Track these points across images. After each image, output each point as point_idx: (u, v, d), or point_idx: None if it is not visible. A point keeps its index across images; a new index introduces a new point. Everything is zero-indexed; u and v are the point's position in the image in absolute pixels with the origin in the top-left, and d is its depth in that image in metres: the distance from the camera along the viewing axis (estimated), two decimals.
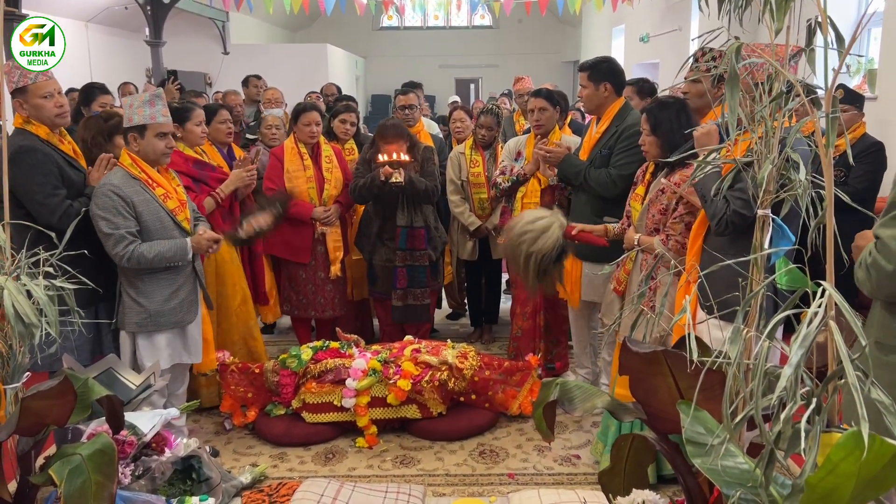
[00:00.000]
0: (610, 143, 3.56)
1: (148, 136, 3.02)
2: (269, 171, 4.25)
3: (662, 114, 2.91)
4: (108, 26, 12.33)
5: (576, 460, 3.32)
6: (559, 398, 2.14)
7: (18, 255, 2.17)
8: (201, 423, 3.71)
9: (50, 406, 1.94)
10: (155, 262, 3.00)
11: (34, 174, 2.98)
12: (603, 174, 3.53)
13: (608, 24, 14.83)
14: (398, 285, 4.22)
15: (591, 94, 3.59)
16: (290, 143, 4.30)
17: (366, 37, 20.43)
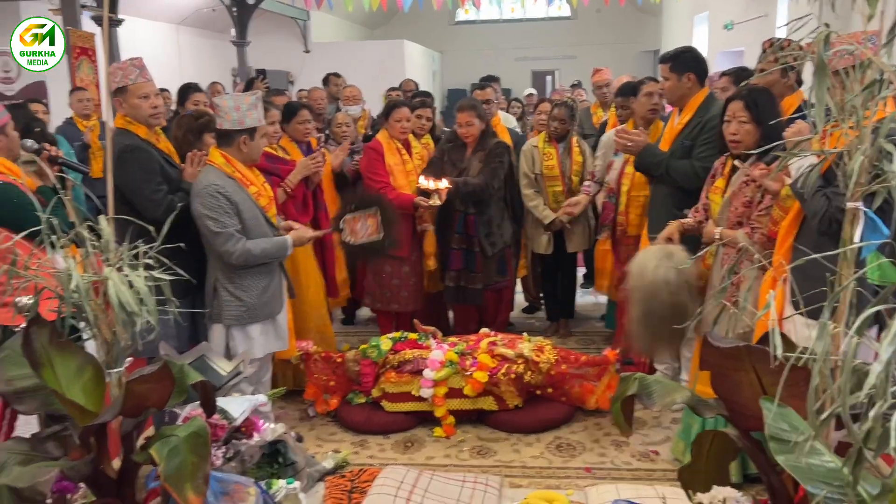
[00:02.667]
0: (693, 134, 3.50)
1: (256, 137, 3.15)
2: (371, 166, 4.26)
3: (766, 103, 2.80)
4: (197, 28, 12.84)
5: (654, 456, 3.28)
6: (638, 393, 2.14)
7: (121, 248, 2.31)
8: (286, 410, 3.85)
9: (151, 389, 2.06)
10: (260, 258, 3.14)
11: (140, 171, 3.15)
12: (686, 165, 3.46)
13: (690, 12, 14.42)
14: (452, 267, 4.34)
15: (674, 86, 3.54)
16: (386, 139, 4.34)
17: (442, 31, 20.53)
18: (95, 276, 2.17)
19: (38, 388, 2.23)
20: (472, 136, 4.32)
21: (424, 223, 4.25)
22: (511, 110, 7.90)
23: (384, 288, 4.39)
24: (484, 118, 4.38)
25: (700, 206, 3.17)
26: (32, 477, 1.89)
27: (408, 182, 4.28)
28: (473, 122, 4.28)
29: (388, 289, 4.38)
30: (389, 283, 4.37)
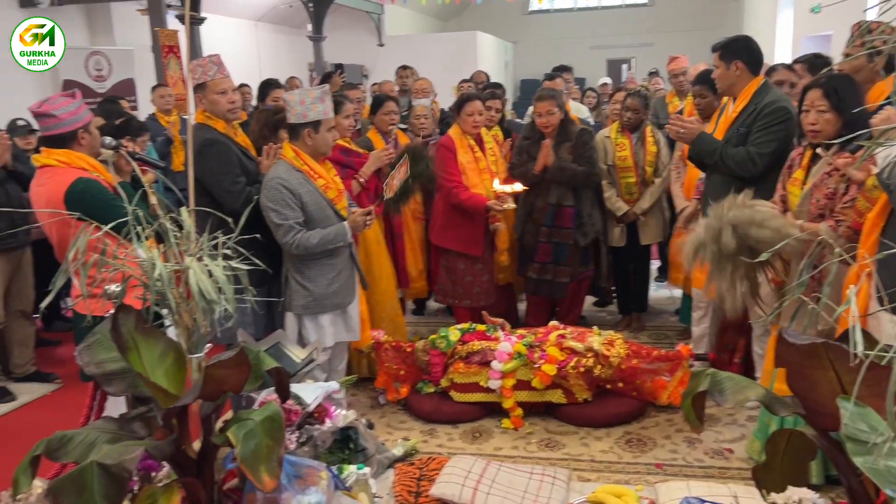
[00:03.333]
0: (748, 121, 3.43)
1: (322, 130, 3.23)
2: (443, 164, 4.24)
3: (847, 90, 2.68)
4: (275, 24, 13.17)
5: (728, 454, 3.20)
6: (709, 389, 2.09)
7: (201, 238, 2.41)
8: (358, 397, 3.94)
9: (228, 374, 2.14)
10: (319, 247, 3.21)
11: (220, 164, 3.28)
12: (742, 152, 3.39)
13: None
14: (537, 258, 4.31)
15: (723, 74, 3.49)
16: (458, 135, 4.30)
17: (515, 21, 20.39)
18: (177, 266, 2.27)
19: (125, 371, 2.35)
20: (552, 126, 4.27)
21: (497, 222, 4.22)
22: (586, 100, 7.80)
23: (457, 284, 4.40)
24: (563, 107, 4.35)
25: (777, 197, 3.06)
26: (119, 455, 2.00)
27: (480, 180, 4.23)
28: (554, 111, 4.24)
29: (461, 285, 4.38)
30: (462, 279, 4.37)
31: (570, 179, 4.21)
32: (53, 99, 2.89)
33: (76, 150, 2.89)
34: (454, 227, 4.19)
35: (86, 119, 2.93)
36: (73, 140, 2.88)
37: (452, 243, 4.34)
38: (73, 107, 2.87)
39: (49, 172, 2.85)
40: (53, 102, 2.86)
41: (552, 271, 4.32)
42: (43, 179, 2.87)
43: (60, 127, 2.85)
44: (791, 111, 3.35)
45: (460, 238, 4.29)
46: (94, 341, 2.40)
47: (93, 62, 8.51)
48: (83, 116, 2.91)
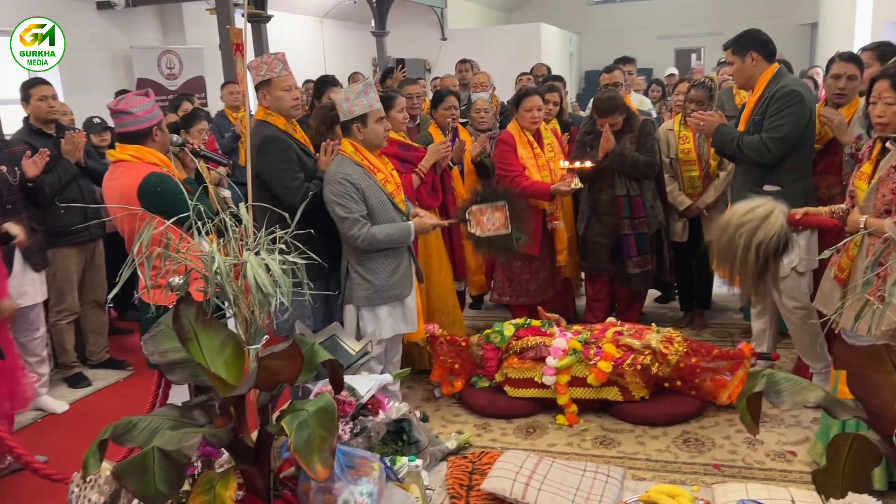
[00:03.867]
0: (762, 108, 3.47)
1: (369, 122, 3.27)
2: (503, 157, 4.24)
3: None
4: (339, 20, 13.35)
5: (790, 457, 3.11)
6: (765, 390, 2.04)
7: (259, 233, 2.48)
8: (414, 390, 3.98)
9: (282, 366, 2.20)
10: (384, 243, 3.26)
11: (280, 160, 3.35)
12: (756, 139, 3.46)
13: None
14: (631, 253, 4.24)
15: (740, 68, 3.56)
16: (517, 130, 4.28)
17: (581, 12, 20.09)
18: (235, 260, 2.34)
19: (186, 361, 2.43)
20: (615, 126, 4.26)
21: (555, 220, 4.15)
22: (651, 92, 7.65)
23: (514, 282, 4.39)
24: (624, 108, 4.30)
25: (847, 192, 2.95)
26: (179, 441, 2.08)
27: (540, 176, 4.23)
28: (618, 120, 4.23)
29: (518, 283, 4.38)
30: (519, 277, 4.37)
31: (632, 167, 4.17)
32: (129, 97, 3.03)
33: (149, 146, 3.03)
34: None
35: (159, 117, 3.06)
36: (148, 137, 3.02)
37: None
38: (148, 105, 3.01)
39: (123, 167, 2.99)
40: (130, 100, 3.00)
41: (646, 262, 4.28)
42: (117, 174, 3.01)
43: (136, 124, 2.99)
44: (804, 94, 3.42)
45: None
46: (158, 331, 2.50)
47: (165, 61, 8.82)
48: (157, 115, 3.05)
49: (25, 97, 4.20)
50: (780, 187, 3.46)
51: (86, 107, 6.36)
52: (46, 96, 4.17)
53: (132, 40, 8.76)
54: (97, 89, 8.08)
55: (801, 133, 3.43)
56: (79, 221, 4.08)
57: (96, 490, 2.51)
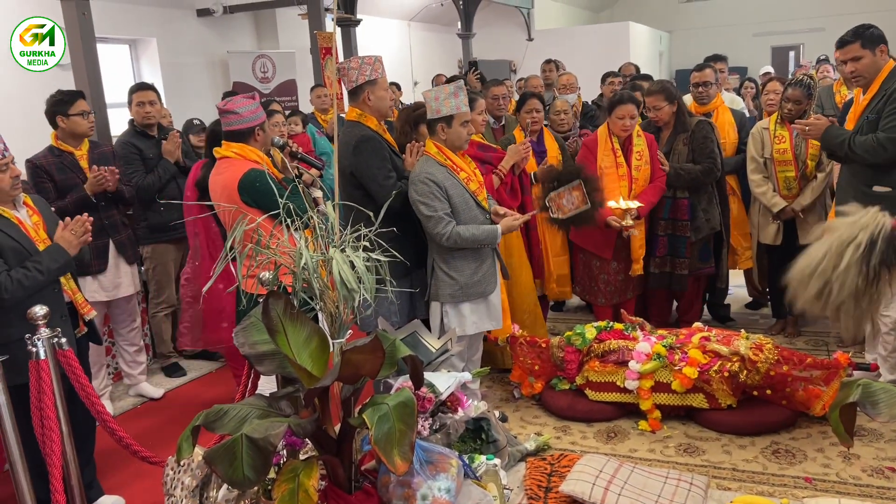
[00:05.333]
0: (878, 107, 3.35)
1: (455, 124, 3.31)
2: (583, 163, 4.20)
3: None
4: (426, 23, 13.49)
5: (890, 473, 2.94)
6: (860, 400, 1.95)
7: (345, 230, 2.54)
8: (493, 389, 3.99)
9: (364, 360, 2.25)
10: (469, 242, 3.30)
11: (375, 159, 3.44)
12: (870, 139, 3.33)
13: None
14: (657, 253, 4.27)
15: (871, 62, 3.41)
16: (604, 135, 4.21)
17: (671, 10, 19.59)
18: (322, 256, 2.42)
19: (275, 353, 2.52)
20: (661, 120, 4.25)
21: (629, 230, 4.07)
22: (745, 90, 7.40)
23: (592, 280, 4.37)
24: (674, 99, 4.23)
25: None
26: (266, 430, 2.16)
27: (618, 186, 4.10)
28: (662, 106, 4.21)
29: (596, 282, 4.35)
30: (598, 277, 4.33)
31: (691, 182, 4.18)
32: (236, 99, 3.22)
33: (252, 144, 3.20)
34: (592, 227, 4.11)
35: (262, 118, 3.24)
36: (251, 136, 3.20)
37: (587, 243, 4.31)
38: (253, 106, 3.21)
39: (227, 163, 3.18)
40: (237, 102, 3.19)
41: (671, 264, 4.29)
42: (221, 169, 3.19)
43: (242, 123, 3.18)
44: None
45: (593, 239, 4.24)
46: (249, 324, 2.60)
47: (259, 64, 9.15)
48: (260, 116, 3.24)
49: (129, 101, 4.46)
50: (891, 189, 3.30)
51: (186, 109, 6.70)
52: (144, 102, 4.41)
53: (229, 45, 9.14)
54: (195, 92, 8.47)
55: None
56: (177, 218, 4.30)
57: (189, 474, 2.63)
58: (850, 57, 3.44)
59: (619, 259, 4.27)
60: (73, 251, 2.84)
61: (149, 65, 8.24)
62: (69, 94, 3.79)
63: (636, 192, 4.15)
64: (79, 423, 2.91)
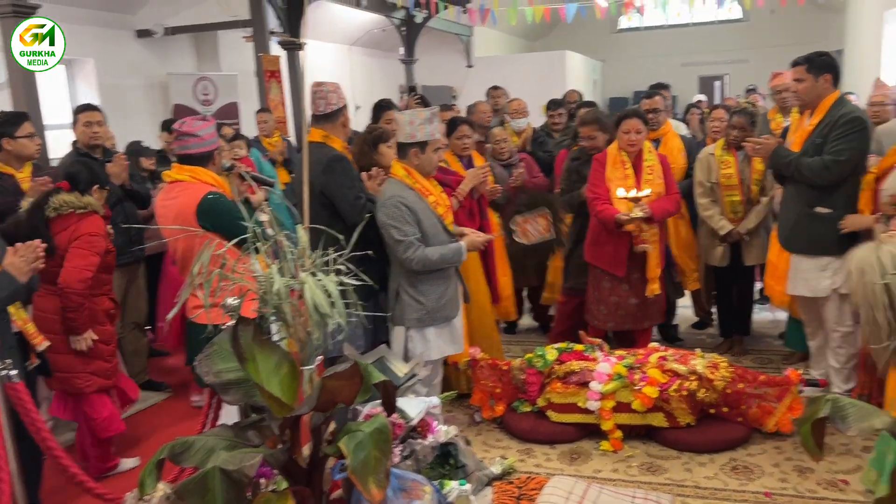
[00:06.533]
0: (824, 132, 3.55)
1: (428, 150, 3.33)
2: (592, 176, 4.17)
3: None
4: (368, 48, 13.53)
5: (843, 486, 3.05)
6: (830, 415, 2.01)
7: (314, 254, 2.50)
8: (454, 414, 3.96)
9: (342, 386, 2.21)
10: (437, 263, 3.29)
11: (346, 178, 3.44)
12: (817, 161, 3.53)
13: (880, 8, 13.20)
14: None
15: (811, 87, 3.61)
16: (614, 150, 4.17)
17: (604, 40, 20.22)
18: (294, 281, 2.37)
19: (241, 381, 2.45)
20: (597, 149, 4.33)
21: (641, 243, 3.99)
22: (689, 117, 7.70)
23: (602, 304, 4.19)
24: (607, 129, 4.36)
25: None
26: (240, 461, 2.08)
27: (626, 201, 4.01)
28: (595, 135, 4.34)
29: (606, 305, 4.18)
30: (608, 299, 4.17)
31: None
32: (192, 121, 3.14)
33: (209, 168, 3.11)
34: (601, 243, 4.09)
35: (219, 142, 3.16)
36: (209, 160, 3.12)
37: (599, 260, 4.18)
38: (211, 129, 3.15)
39: (180, 187, 3.06)
40: (194, 124, 3.10)
41: None
42: (174, 193, 3.07)
43: (202, 146, 3.10)
44: (866, 122, 3.56)
45: (606, 256, 4.13)
46: (212, 352, 2.52)
47: (200, 87, 8.98)
48: (217, 139, 3.16)
49: (75, 121, 4.31)
50: (832, 210, 3.49)
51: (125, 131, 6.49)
52: (91, 122, 4.27)
53: (169, 67, 8.94)
54: (135, 115, 8.24)
55: (860, 159, 3.52)
56: (122, 244, 4.14)
57: None
58: (796, 77, 3.67)
59: (630, 281, 4.11)
60: (24, 278, 2.67)
61: (86, 86, 7.98)
62: (14, 115, 3.64)
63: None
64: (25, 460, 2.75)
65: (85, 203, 3.40)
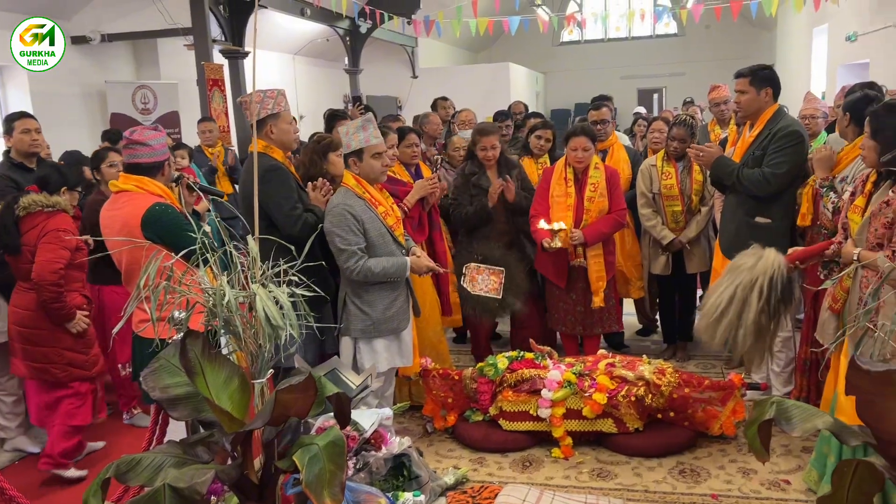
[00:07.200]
0: (763, 144, 3.68)
1: (365, 157, 3.31)
2: (537, 191, 4.28)
3: (888, 119, 2.71)
4: (312, 57, 13.42)
5: (785, 486, 3.15)
6: (776, 417, 2.08)
7: (264, 265, 2.46)
8: (405, 425, 3.95)
9: (295, 399, 2.17)
10: (379, 277, 3.27)
11: (281, 189, 3.38)
12: (756, 173, 3.66)
13: (808, 25, 13.82)
14: None
15: (753, 99, 3.73)
16: (561, 165, 4.27)
17: (546, 53, 20.56)
18: (245, 293, 2.32)
19: (189, 396, 2.39)
20: (494, 159, 4.41)
21: (576, 258, 4.10)
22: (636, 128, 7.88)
23: (553, 310, 4.38)
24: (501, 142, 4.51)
25: (840, 225, 3.06)
26: (191, 478, 2.03)
27: (565, 216, 4.15)
28: (497, 146, 4.42)
29: (557, 311, 4.36)
30: (557, 305, 4.34)
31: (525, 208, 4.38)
32: (143, 130, 3.05)
33: (158, 179, 3.03)
34: (546, 254, 4.19)
35: (169, 153, 3.09)
36: (160, 170, 3.04)
37: (545, 270, 4.34)
38: (163, 139, 3.07)
39: (126, 197, 2.98)
40: (145, 133, 3.02)
41: None
42: (120, 203, 2.99)
43: (153, 156, 3.02)
44: (803, 136, 3.68)
45: (549, 267, 4.27)
46: (158, 367, 2.45)
47: (140, 95, 8.77)
48: (168, 150, 3.09)
49: (8, 129, 4.14)
50: (771, 221, 3.61)
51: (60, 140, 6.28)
52: (30, 129, 4.12)
53: (107, 75, 8.71)
54: (70, 124, 7.99)
55: (798, 171, 3.64)
56: None
57: None
58: (738, 89, 3.80)
59: (575, 290, 4.26)
60: None
61: (17, 93, 7.69)
62: None
63: (587, 222, 4.17)
64: None
65: (53, 202, 3.55)
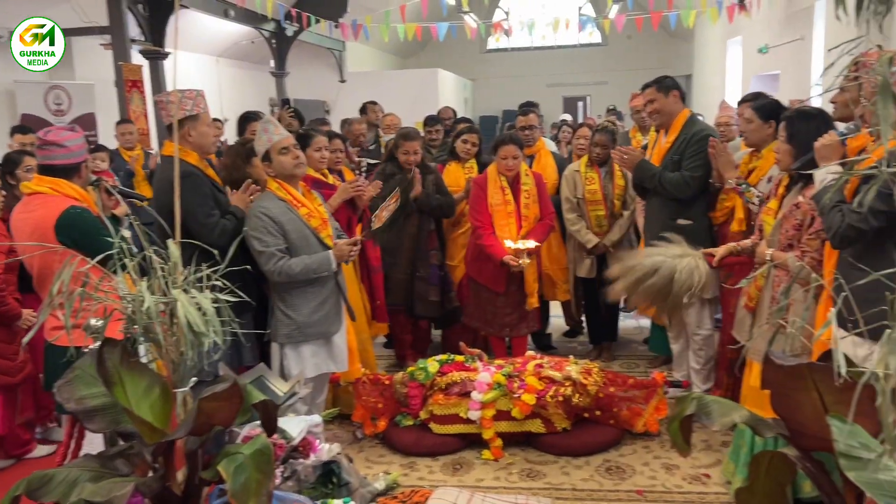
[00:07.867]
0: (680, 149, 3.86)
1: (273, 156, 3.25)
2: (474, 203, 4.26)
3: (802, 124, 2.85)
4: (236, 59, 13.17)
5: (706, 479, 3.26)
6: (696, 412, 2.15)
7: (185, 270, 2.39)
8: (334, 432, 3.90)
9: (219, 408, 2.11)
10: (302, 274, 3.20)
11: (194, 196, 3.24)
12: (677, 177, 3.84)
13: (723, 37, 14.42)
14: None
15: (664, 103, 3.93)
16: (493, 174, 4.28)
17: (474, 59, 20.79)
18: (165, 299, 2.25)
19: (107, 407, 2.30)
20: (415, 164, 4.47)
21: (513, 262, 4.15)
22: (561, 135, 8.03)
23: (481, 310, 4.40)
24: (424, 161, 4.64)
25: (756, 226, 3.20)
26: (109, 492, 1.95)
27: (507, 223, 4.18)
28: (419, 151, 4.51)
29: (485, 312, 4.38)
30: (485, 307, 4.36)
31: (438, 209, 4.51)
32: (59, 131, 2.93)
33: (74, 182, 2.91)
34: (482, 260, 4.23)
35: (87, 154, 2.97)
36: (76, 172, 2.92)
37: (481, 277, 4.33)
38: (80, 140, 2.95)
39: (40, 199, 2.85)
40: (60, 134, 2.90)
41: None
42: (33, 206, 2.85)
43: (69, 158, 2.90)
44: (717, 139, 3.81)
45: (487, 274, 4.28)
46: (73, 377, 2.35)
47: (52, 96, 8.39)
48: (86, 151, 2.98)
49: None
50: (692, 222, 3.75)
51: None
52: None
53: (16, 74, 8.28)
54: None
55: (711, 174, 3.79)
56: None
57: None
58: (648, 99, 4.00)
59: (508, 294, 4.29)
60: None
61: None
62: None
63: (526, 228, 4.21)
64: None
65: None
